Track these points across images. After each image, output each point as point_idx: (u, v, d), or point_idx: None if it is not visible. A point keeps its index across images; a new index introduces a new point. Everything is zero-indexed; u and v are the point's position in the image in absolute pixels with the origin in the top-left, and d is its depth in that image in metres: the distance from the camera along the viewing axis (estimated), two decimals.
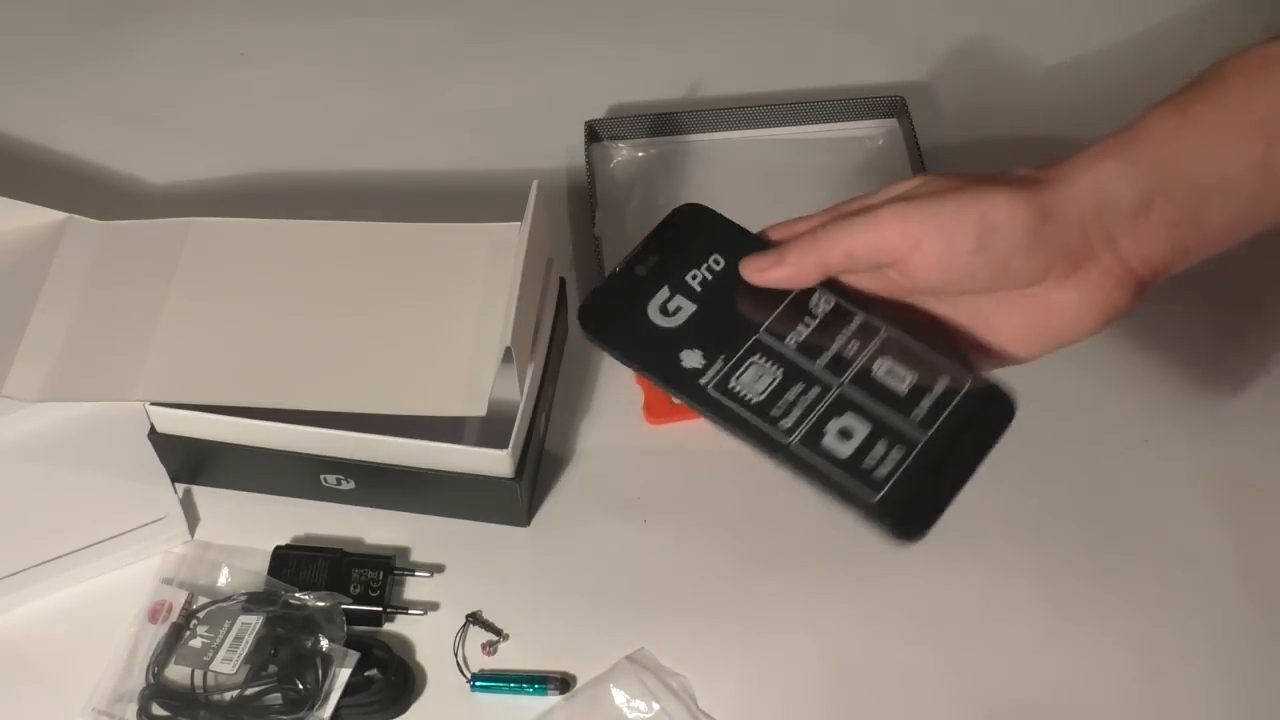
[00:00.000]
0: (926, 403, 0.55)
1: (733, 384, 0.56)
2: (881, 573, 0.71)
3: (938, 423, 0.54)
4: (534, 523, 0.75)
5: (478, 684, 0.69)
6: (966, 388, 0.55)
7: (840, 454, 0.54)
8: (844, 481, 0.54)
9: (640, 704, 0.67)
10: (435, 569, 0.73)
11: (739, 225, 0.59)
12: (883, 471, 0.54)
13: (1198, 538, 0.72)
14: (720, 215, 0.60)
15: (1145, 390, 0.77)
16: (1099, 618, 0.70)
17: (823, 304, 0.57)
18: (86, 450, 0.75)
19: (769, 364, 0.56)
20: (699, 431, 0.60)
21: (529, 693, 0.68)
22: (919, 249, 0.54)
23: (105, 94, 0.94)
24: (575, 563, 0.73)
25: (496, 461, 0.70)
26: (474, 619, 0.71)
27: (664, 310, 0.58)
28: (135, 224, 0.79)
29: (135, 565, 0.73)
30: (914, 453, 0.54)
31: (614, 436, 0.77)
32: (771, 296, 0.57)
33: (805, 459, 0.55)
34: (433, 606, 0.72)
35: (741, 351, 0.57)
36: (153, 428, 0.73)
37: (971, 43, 0.95)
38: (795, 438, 0.55)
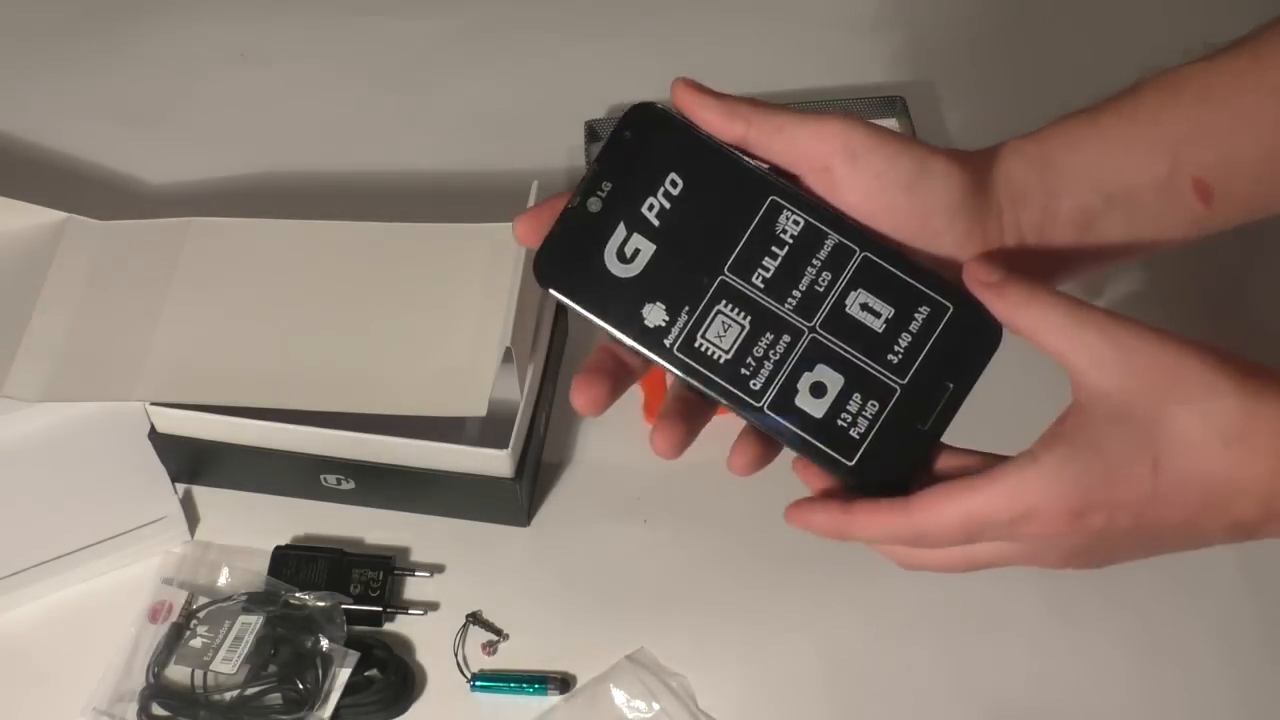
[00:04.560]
0: (904, 341, 0.51)
1: (698, 342, 0.52)
2: (881, 572, 0.71)
3: (915, 365, 0.51)
4: (534, 523, 0.75)
5: (478, 684, 0.69)
6: (947, 318, 0.51)
7: (813, 414, 0.52)
8: (819, 445, 0.52)
9: (640, 704, 0.67)
10: (435, 569, 0.73)
11: (701, 131, 0.51)
12: (858, 430, 0.51)
13: None
14: (679, 118, 0.52)
15: None
16: (1099, 618, 0.70)
17: (791, 225, 0.51)
18: (86, 450, 0.75)
19: (736, 312, 0.52)
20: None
21: (529, 693, 0.68)
22: (854, 161, 0.51)
23: (105, 94, 0.94)
24: (575, 563, 0.73)
25: (496, 461, 0.70)
26: (474, 619, 0.71)
27: (621, 256, 0.52)
28: (135, 224, 0.80)
29: (135, 565, 0.73)
30: (891, 404, 0.51)
31: (614, 436, 0.77)
32: (737, 221, 0.51)
33: (779, 423, 0.52)
34: (433, 606, 0.72)
35: (706, 299, 0.52)
36: (153, 428, 0.73)
37: (971, 43, 0.95)
38: (767, 399, 0.52)
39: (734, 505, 0.74)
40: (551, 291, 0.52)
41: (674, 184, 0.51)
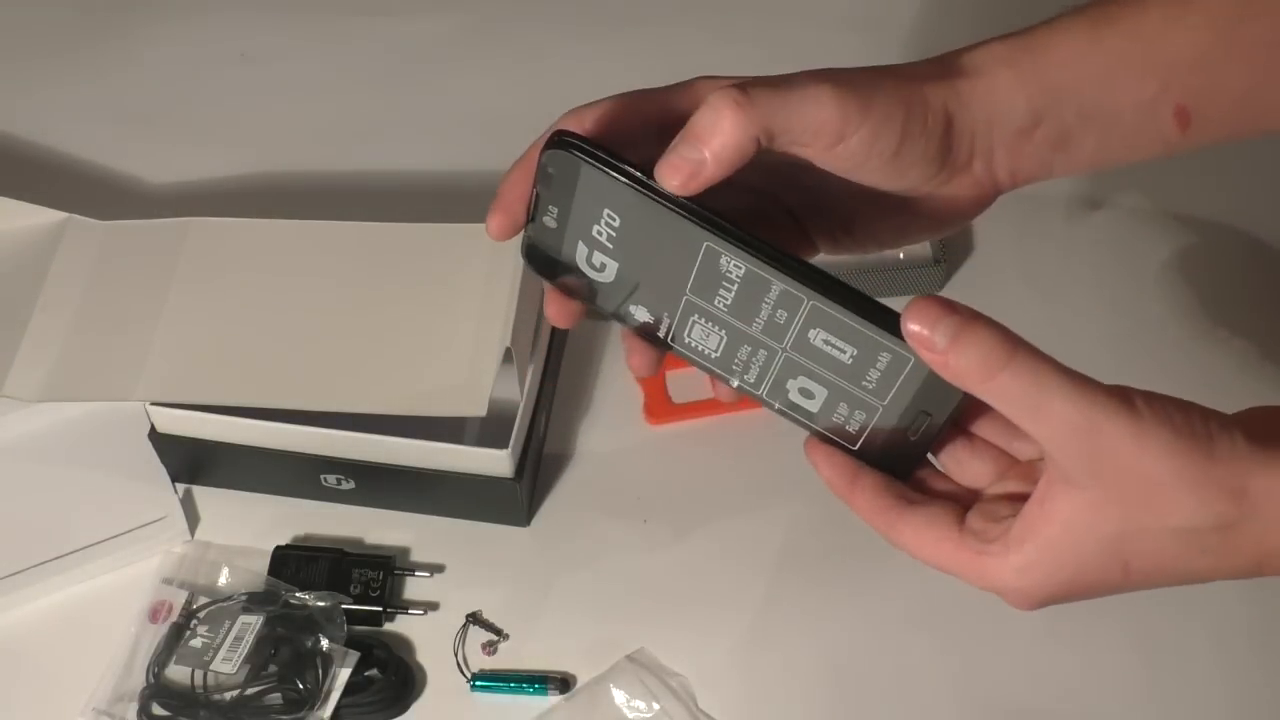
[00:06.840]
0: (872, 375, 0.49)
1: (687, 339, 0.51)
2: (881, 572, 0.71)
3: (891, 392, 0.49)
4: (534, 523, 0.75)
5: (478, 684, 0.69)
6: (909, 367, 0.48)
7: (808, 409, 0.51)
8: (822, 431, 0.52)
9: (640, 704, 0.67)
10: (435, 569, 0.73)
11: (613, 164, 0.48)
12: (853, 428, 0.51)
13: None
14: (588, 158, 0.48)
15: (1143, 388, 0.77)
16: (1098, 618, 0.70)
17: (734, 268, 0.48)
18: (86, 450, 0.75)
19: (710, 324, 0.50)
20: (699, 431, 0.60)
21: (529, 693, 0.68)
22: (843, 142, 0.48)
23: (105, 94, 0.94)
24: (575, 563, 0.73)
25: (496, 461, 0.70)
26: (474, 619, 0.71)
27: (592, 265, 0.51)
28: (135, 224, 0.80)
29: (135, 565, 0.73)
30: (877, 416, 0.50)
31: (614, 436, 0.77)
32: (683, 258, 0.49)
33: (780, 407, 0.52)
34: (433, 606, 0.72)
35: (680, 310, 0.51)
36: (153, 428, 0.73)
37: (971, 43, 0.94)
38: (764, 390, 0.52)
39: (734, 505, 0.74)
40: (545, 282, 0.52)
41: (611, 219, 0.49)
